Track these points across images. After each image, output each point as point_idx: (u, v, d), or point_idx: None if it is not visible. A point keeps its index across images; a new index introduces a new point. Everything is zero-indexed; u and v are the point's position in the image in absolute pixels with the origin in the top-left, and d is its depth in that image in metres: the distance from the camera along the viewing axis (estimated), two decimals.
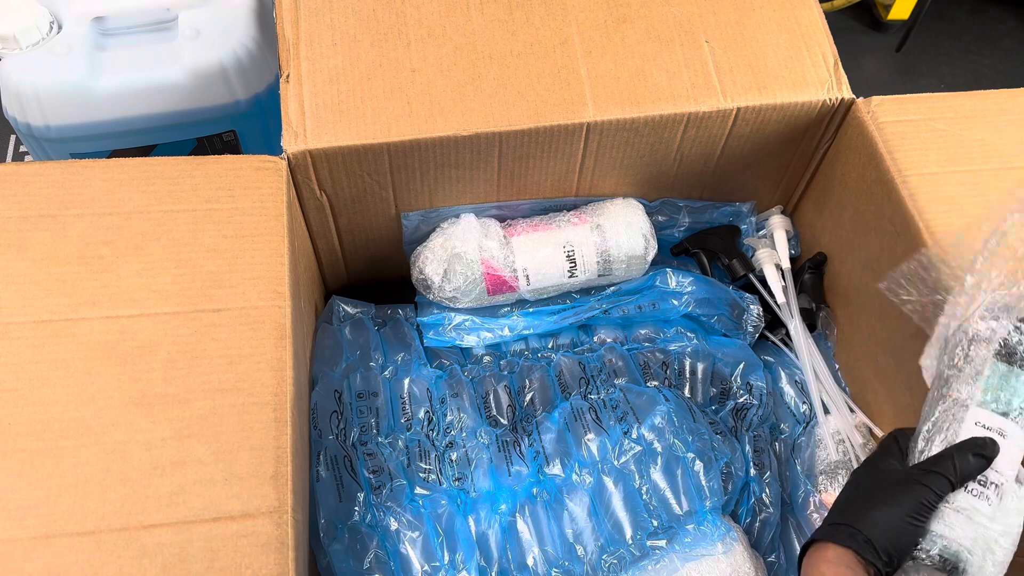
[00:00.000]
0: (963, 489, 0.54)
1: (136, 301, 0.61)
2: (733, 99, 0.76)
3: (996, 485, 0.54)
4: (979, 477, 0.54)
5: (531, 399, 0.79)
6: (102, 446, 0.55)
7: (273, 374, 0.59)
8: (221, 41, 0.90)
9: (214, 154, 0.96)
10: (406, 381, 0.79)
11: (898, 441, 0.58)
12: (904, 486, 0.54)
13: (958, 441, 0.55)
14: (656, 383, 0.80)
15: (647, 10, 0.79)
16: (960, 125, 0.76)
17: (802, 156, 0.85)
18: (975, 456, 0.54)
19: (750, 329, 0.85)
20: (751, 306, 0.85)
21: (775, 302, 0.86)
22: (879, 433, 0.80)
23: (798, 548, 0.76)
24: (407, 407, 0.78)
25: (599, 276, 0.84)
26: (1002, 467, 0.54)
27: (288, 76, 0.73)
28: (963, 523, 0.53)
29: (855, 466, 0.79)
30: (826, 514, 0.58)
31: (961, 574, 0.53)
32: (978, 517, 0.53)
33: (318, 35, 0.75)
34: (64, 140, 0.90)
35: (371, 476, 0.72)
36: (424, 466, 0.74)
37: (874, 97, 0.77)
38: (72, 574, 0.51)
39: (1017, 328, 0.56)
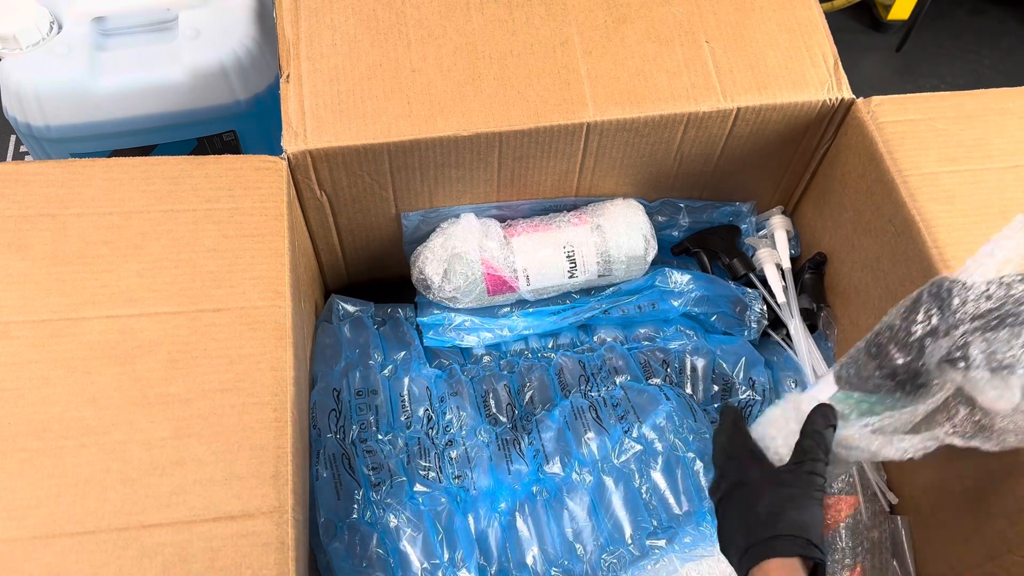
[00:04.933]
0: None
1: (136, 301, 0.61)
2: (733, 99, 0.76)
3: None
4: None
5: (531, 398, 0.79)
6: (102, 446, 0.55)
7: (273, 374, 0.59)
8: (221, 41, 0.90)
9: (214, 154, 0.96)
10: (406, 380, 0.79)
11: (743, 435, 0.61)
12: (800, 481, 0.56)
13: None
14: (657, 381, 0.80)
15: (647, 10, 0.79)
16: (960, 125, 0.76)
17: (802, 156, 0.85)
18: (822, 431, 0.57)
19: (753, 325, 0.85)
20: (753, 301, 0.85)
21: (775, 302, 0.86)
22: None
23: None
24: (407, 405, 0.78)
25: (599, 276, 0.84)
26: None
27: (288, 76, 0.73)
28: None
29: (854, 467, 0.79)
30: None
31: None
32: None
33: (318, 35, 0.75)
34: (64, 140, 0.90)
35: (370, 473, 0.72)
36: (424, 464, 0.74)
37: (874, 97, 0.77)
38: (72, 574, 0.51)
39: None
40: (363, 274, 0.90)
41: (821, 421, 0.57)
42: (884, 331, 0.56)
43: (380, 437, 0.76)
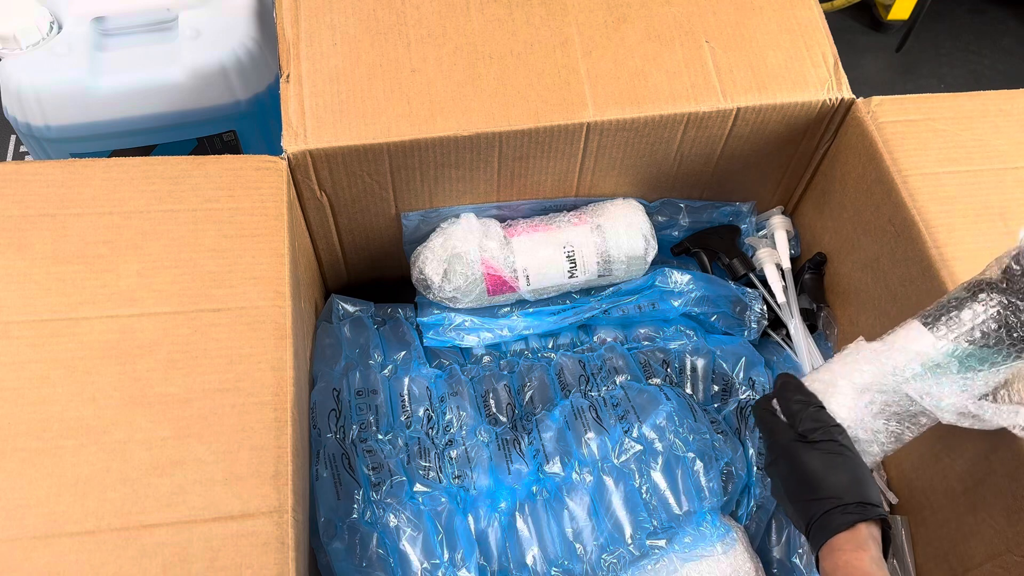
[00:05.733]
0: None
1: (136, 301, 0.61)
2: (733, 99, 0.76)
3: None
4: None
5: (531, 397, 0.79)
6: (102, 446, 0.55)
7: (273, 374, 0.59)
8: (221, 41, 0.90)
9: (214, 154, 0.96)
10: (406, 380, 0.79)
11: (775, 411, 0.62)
12: (839, 449, 0.57)
13: None
14: (657, 381, 0.80)
15: (647, 10, 0.79)
16: (960, 125, 0.76)
17: (802, 156, 0.85)
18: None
19: (753, 325, 0.85)
20: (753, 301, 0.85)
21: (775, 302, 0.86)
22: None
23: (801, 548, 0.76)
24: (407, 405, 0.78)
25: (599, 276, 0.84)
26: None
27: (288, 76, 0.73)
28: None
29: None
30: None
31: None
32: None
33: (318, 35, 0.75)
34: (64, 140, 0.90)
35: (370, 472, 0.72)
36: (424, 464, 0.74)
37: (874, 97, 0.77)
38: (72, 574, 0.51)
39: None
40: (363, 274, 0.90)
41: (793, 386, 0.60)
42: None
43: (380, 437, 0.76)
